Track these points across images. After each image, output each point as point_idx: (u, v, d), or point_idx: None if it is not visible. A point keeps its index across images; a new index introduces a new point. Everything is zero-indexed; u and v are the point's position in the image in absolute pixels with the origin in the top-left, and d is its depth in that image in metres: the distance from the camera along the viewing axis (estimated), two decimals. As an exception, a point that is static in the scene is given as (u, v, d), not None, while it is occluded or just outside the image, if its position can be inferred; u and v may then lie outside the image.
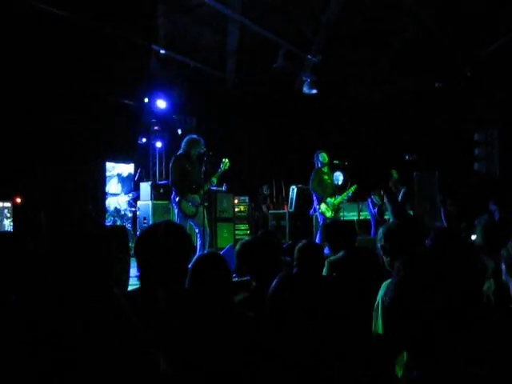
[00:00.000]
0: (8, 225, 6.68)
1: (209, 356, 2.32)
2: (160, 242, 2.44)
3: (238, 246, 3.67)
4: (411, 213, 10.75)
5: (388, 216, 10.39)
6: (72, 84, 7.31)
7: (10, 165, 6.66)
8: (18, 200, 6.61)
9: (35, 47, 6.82)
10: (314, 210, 9.39)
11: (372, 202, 10.72)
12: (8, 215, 6.63)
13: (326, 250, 4.63)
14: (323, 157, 9.23)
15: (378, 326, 2.81)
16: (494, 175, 11.54)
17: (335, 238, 4.44)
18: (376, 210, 10.61)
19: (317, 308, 3.03)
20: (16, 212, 6.56)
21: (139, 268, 2.48)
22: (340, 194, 9.38)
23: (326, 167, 9.25)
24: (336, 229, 4.57)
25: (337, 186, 10.51)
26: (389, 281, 2.99)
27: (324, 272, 4.08)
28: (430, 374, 1.28)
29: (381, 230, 3.26)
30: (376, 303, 2.95)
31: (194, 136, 7.92)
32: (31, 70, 6.85)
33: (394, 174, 10.22)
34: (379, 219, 10.43)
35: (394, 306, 1.38)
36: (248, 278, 3.56)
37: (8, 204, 6.62)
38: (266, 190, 13.43)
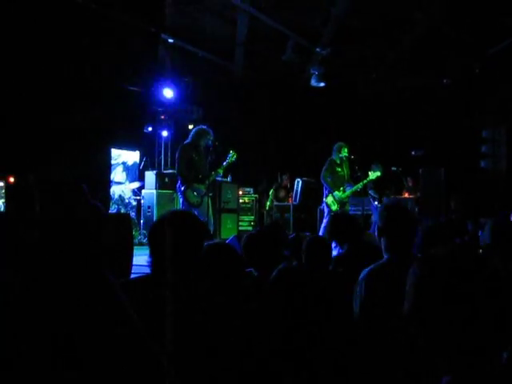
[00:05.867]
0: (1, 205, 6.58)
1: (211, 346, 2.31)
2: (174, 230, 2.42)
3: (245, 238, 3.66)
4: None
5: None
6: (78, 69, 7.28)
7: (9, 143, 6.56)
8: (12, 179, 6.47)
9: (41, 31, 6.79)
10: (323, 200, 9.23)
11: (372, 196, 10.76)
12: (1, 195, 6.52)
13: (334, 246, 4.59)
14: (344, 151, 9.02)
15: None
16: (500, 173, 11.49)
17: (340, 230, 4.42)
18: (377, 202, 10.65)
19: (315, 301, 3.03)
20: (9, 192, 6.42)
21: (152, 255, 2.48)
22: (351, 186, 9.25)
23: (341, 160, 9.07)
24: (341, 221, 4.55)
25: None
26: (370, 268, 2.94)
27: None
28: (462, 379, 1.25)
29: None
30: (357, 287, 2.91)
31: (204, 127, 7.91)
32: (37, 54, 6.83)
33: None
34: None
35: (420, 311, 1.34)
36: (250, 269, 3.55)
37: (1, 183, 6.49)
38: (286, 180, 13.31)
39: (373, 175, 9.25)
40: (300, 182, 12.05)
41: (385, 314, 2.61)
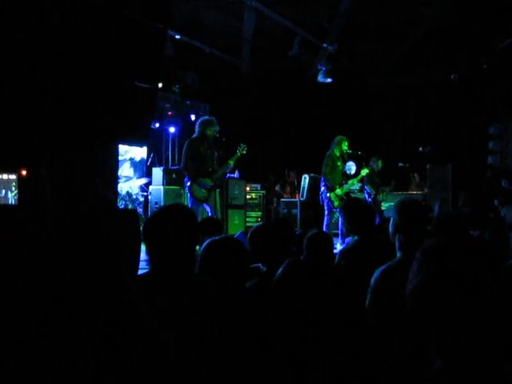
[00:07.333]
0: (11, 198, 6.60)
1: (217, 341, 2.32)
2: (169, 225, 2.41)
3: (250, 232, 3.65)
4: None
5: (384, 207, 10.47)
6: (86, 64, 7.30)
7: (19, 137, 6.58)
8: (24, 172, 6.48)
9: (48, 29, 6.81)
10: (321, 196, 9.14)
11: (367, 192, 10.71)
12: (13, 188, 6.54)
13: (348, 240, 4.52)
14: (345, 145, 8.94)
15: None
16: (508, 169, 11.46)
17: (353, 216, 4.24)
18: (371, 199, 10.60)
19: (321, 295, 3.03)
20: (21, 185, 6.42)
21: (148, 252, 2.46)
22: (346, 184, 9.21)
23: (341, 153, 9.00)
24: (358, 206, 4.38)
25: (349, 175, 10.45)
26: (384, 267, 2.84)
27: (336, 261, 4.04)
28: (455, 365, 1.26)
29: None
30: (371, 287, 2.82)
31: (207, 117, 7.89)
32: (46, 52, 6.85)
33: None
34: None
35: (424, 301, 1.34)
36: (257, 264, 3.56)
37: (13, 176, 6.51)
38: (293, 177, 13.31)
39: (363, 172, 9.29)
40: (307, 178, 12.05)
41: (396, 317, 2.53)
